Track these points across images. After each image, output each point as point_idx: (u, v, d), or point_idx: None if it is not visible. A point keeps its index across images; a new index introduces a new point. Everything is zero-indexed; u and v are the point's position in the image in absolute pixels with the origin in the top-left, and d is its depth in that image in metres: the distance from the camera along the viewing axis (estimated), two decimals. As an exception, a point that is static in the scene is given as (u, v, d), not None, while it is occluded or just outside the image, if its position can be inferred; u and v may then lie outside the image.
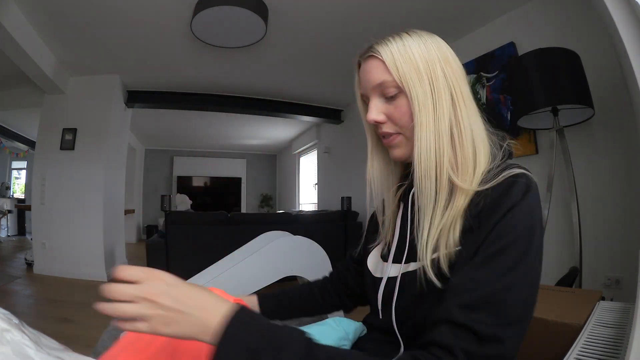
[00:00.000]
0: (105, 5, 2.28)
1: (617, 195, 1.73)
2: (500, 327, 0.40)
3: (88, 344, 1.76)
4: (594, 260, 1.73)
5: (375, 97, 0.56)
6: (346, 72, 3.78)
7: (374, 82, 0.55)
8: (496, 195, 0.47)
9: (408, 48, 0.53)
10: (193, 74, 3.53)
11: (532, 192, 0.47)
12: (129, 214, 5.66)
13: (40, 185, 3.37)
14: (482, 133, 0.54)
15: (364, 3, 2.27)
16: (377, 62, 0.54)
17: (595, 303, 0.83)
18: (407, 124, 0.54)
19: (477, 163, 0.52)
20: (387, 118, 0.56)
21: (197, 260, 2.69)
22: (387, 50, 0.53)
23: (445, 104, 0.52)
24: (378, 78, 0.54)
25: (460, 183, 0.50)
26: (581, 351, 0.57)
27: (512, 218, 0.45)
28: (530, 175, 0.49)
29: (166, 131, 6.25)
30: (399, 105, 0.54)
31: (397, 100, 0.54)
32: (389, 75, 0.53)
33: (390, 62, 0.52)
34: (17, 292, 2.71)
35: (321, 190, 5.68)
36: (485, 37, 2.52)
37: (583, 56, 1.63)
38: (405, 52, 0.53)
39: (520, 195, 0.46)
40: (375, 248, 0.66)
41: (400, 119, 0.54)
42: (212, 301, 0.42)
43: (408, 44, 0.53)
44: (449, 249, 0.48)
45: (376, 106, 0.56)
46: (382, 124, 0.56)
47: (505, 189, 0.47)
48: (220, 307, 0.41)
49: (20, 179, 7.46)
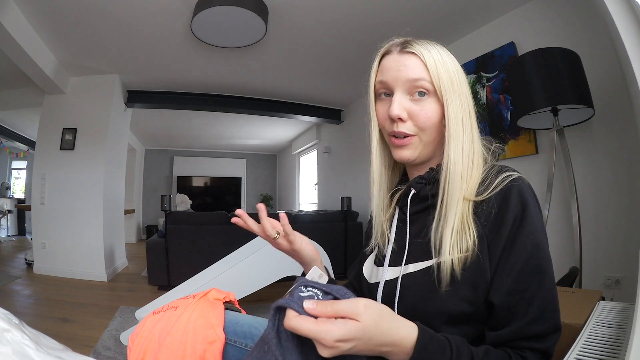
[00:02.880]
0: (105, 5, 2.28)
1: (617, 195, 1.73)
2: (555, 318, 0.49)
3: (88, 344, 1.76)
4: (594, 260, 1.73)
5: (401, 93, 0.55)
6: (346, 72, 3.76)
7: (410, 77, 0.54)
8: (499, 203, 0.51)
9: (445, 58, 0.55)
10: (193, 74, 3.53)
11: (532, 194, 0.51)
12: (129, 214, 5.66)
13: (40, 185, 3.36)
14: (480, 146, 0.57)
15: (364, 3, 2.27)
16: (417, 60, 0.54)
17: (595, 303, 0.83)
18: (430, 129, 0.55)
19: (475, 170, 0.55)
20: (408, 117, 0.55)
21: (197, 260, 2.69)
22: (428, 53, 0.54)
23: (469, 120, 0.55)
24: (416, 74, 0.54)
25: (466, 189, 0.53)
26: (581, 351, 0.57)
27: (528, 225, 0.49)
28: (522, 177, 0.53)
29: (166, 131, 6.25)
30: (426, 107, 0.54)
31: (425, 102, 0.54)
32: (428, 75, 0.54)
33: (432, 65, 0.54)
34: (17, 292, 2.71)
35: (321, 190, 5.68)
36: (485, 37, 2.52)
37: (583, 56, 1.63)
38: (443, 61, 0.55)
39: (520, 202, 0.50)
40: (370, 255, 0.66)
41: (425, 121, 0.55)
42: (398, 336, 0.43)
43: (443, 54, 0.56)
44: (463, 253, 0.50)
45: (400, 102, 0.55)
46: (402, 122, 0.55)
47: (505, 198, 0.51)
48: (405, 337, 0.43)
49: (20, 179, 7.46)
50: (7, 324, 0.38)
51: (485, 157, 0.57)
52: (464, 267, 0.50)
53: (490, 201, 0.51)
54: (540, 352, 0.48)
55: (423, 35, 0.59)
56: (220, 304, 0.68)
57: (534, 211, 0.50)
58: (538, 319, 0.48)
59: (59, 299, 2.56)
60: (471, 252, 0.50)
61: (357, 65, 3.08)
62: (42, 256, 3.31)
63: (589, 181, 1.83)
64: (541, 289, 0.48)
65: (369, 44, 2.90)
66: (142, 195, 7.16)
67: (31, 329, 0.42)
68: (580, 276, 1.61)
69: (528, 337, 0.48)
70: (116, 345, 1.74)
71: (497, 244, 0.50)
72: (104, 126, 3.44)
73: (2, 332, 0.37)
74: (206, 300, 0.67)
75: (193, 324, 0.61)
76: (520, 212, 0.49)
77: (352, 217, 3.70)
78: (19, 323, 0.41)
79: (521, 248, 0.49)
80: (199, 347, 0.59)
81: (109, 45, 2.87)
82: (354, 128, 4.50)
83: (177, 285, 2.03)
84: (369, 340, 0.39)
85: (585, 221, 1.72)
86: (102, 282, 3.19)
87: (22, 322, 0.42)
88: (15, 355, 0.36)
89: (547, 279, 0.49)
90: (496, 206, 0.50)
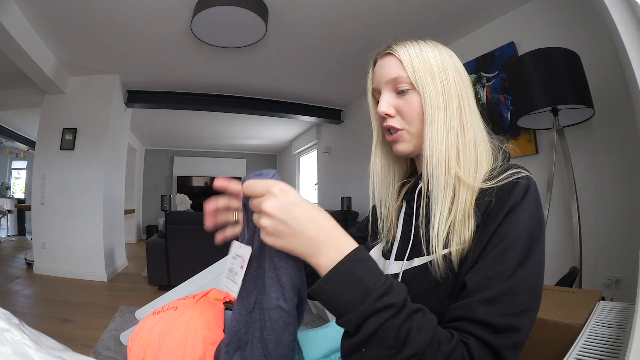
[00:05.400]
0: (105, 5, 2.28)
1: (617, 195, 1.73)
2: (516, 316, 0.43)
3: (88, 344, 1.77)
4: (594, 260, 1.73)
5: (387, 92, 0.59)
6: (346, 72, 3.77)
7: (389, 77, 0.58)
8: (501, 195, 0.50)
9: (424, 52, 0.58)
10: (193, 74, 3.53)
11: (532, 191, 0.50)
12: (129, 214, 5.66)
13: (40, 185, 3.37)
14: (484, 137, 0.58)
15: (363, 3, 2.27)
16: (394, 59, 0.58)
17: (595, 303, 0.83)
18: (415, 120, 0.58)
19: (478, 164, 0.55)
20: (396, 112, 0.59)
21: (197, 260, 2.69)
22: (405, 51, 0.58)
23: (454, 106, 0.56)
24: (393, 73, 0.58)
25: (464, 177, 0.53)
26: (581, 351, 0.57)
27: (515, 217, 0.48)
28: (530, 176, 0.52)
29: (166, 131, 6.25)
30: (409, 100, 0.58)
31: (408, 96, 0.58)
32: (404, 72, 0.57)
33: (407, 61, 0.57)
34: (17, 292, 2.71)
35: (321, 190, 5.68)
36: (485, 37, 2.52)
37: (583, 56, 1.63)
38: (422, 54, 0.57)
39: (521, 195, 0.49)
40: (377, 246, 0.67)
41: (409, 114, 0.58)
42: (328, 228, 0.43)
43: (424, 49, 0.58)
44: (462, 245, 0.50)
45: (387, 100, 0.59)
46: (391, 117, 0.59)
47: (509, 190, 0.50)
48: (336, 238, 0.43)
49: (20, 179, 7.47)
50: (7, 324, 0.38)
51: (492, 149, 0.58)
52: (462, 259, 0.49)
53: (493, 192, 0.51)
54: (488, 346, 0.41)
55: (422, 36, 0.60)
56: (221, 304, 0.68)
57: (529, 206, 0.49)
58: (494, 302, 0.43)
59: (59, 299, 2.56)
60: (468, 244, 0.50)
61: (357, 65, 3.07)
62: (42, 256, 3.31)
63: (589, 181, 1.83)
64: (511, 279, 0.44)
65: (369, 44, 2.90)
66: (142, 195, 7.16)
67: (31, 329, 0.42)
68: (580, 276, 1.61)
69: (476, 320, 0.43)
70: (116, 345, 1.74)
71: (486, 232, 0.49)
72: (104, 126, 3.44)
73: (2, 332, 0.37)
74: (206, 301, 0.67)
75: (193, 324, 0.61)
76: (516, 204, 0.49)
77: (352, 217, 3.70)
78: (19, 323, 0.41)
79: (504, 235, 0.47)
80: (199, 347, 0.59)
81: (109, 45, 2.87)
82: (354, 128, 4.50)
83: (177, 285, 2.03)
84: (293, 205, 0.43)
85: (585, 221, 1.72)
86: (102, 282, 3.19)
87: (22, 322, 0.42)
88: (15, 355, 0.35)
89: (522, 272, 0.45)
90: (496, 198, 0.50)
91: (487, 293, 0.44)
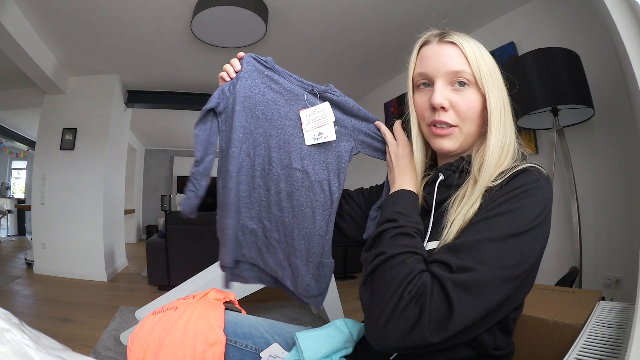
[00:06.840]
0: (105, 5, 2.28)
1: (617, 195, 1.73)
2: (471, 262, 0.43)
3: (88, 344, 1.76)
4: (594, 260, 1.73)
5: (442, 83, 0.56)
6: (346, 71, 3.76)
7: (450, 69, 0.55)
8: (506, 179, 0.50)
9: (482, 50, 0.57)
10: (193, 74, 3.52)
11: (543, 178, 0.50)
12: (129, 214, 5.65)
13: (40, 185, 3.36)
14: (514, 140, 0.57)
15: (363, 3, 2.27)
16: (457, 51, 0.55)
17: (595, 303, 0.83)
18: (470, 119, 0.56)
19: (500, 164, 0.54)
20: (450, 106, 0.56)
21: (197, 260, 2.69)
22: (467, 44, 0.56)
23: (506, 110, 0.56)
24: (456, 66, 0.55)
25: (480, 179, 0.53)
26: (581, 351, 0.57)
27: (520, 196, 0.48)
28: (541, 168, 0.51)
29: (166, 131, 6.25)
30: (467, 97, 0.55)
31: (466, 92, 0.55)
32: (469, 68, 0.55)
33: (472, 57, 0.55)
34: (17, 292, 2.71)
35: (321, 190, 5.67)
36: (485, 37, 2.49)
37: (583, 56, 1.63)
38: (481, 54, 0.56)
39: (530, 179, 0.49)
40: None
41: (467, 111, 0.55)
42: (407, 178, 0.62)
43: (480, 46, 0.57)
44: None
45: (442, 92, 0.56)
46: (444, 111, 0.56)
47: (514, 176, 0.50)
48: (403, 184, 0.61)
49: (20, 179, 7.46)
50: (7, 323, 0.38)
51: (515, 152, 0.57)
52: None
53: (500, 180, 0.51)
54: (437, 278, 0.43)
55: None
56: (221, 304, 0.68)
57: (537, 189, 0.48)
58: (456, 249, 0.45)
59: (59, 299, 2.56)
60: None
61: (357, 65, 3.07)
62: (42, 256, 3.31)
63: (589, 181, 1.83)
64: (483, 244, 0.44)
65: (369, 43, 2.90)
66: (142, 195, 7.15)
67: (31, 329, 0.42)
68: (580, 276, 1.61)
69: (434, 259, 0.46)
70: (116, 345, 1.74)
71: (488, 205, 0.50)
72: (103, 126, 3.44)
73: (2, 332, 0.37)
74: (206, 301, 0.67)
75: (193, 324, 0.61)
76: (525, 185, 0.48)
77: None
78: (19, 323, 0.41)
79: (492, 207, 0.48)
80: (199, 347, 0.59)
81: (109, 45, 2.87)
82: (354, 128, 4.49)
83: (177, 285, 2.03)
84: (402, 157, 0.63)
85: (585, 221, 1.72)
86: (102, 282, 3.19)
87: (22, 322, 0.42)
88: (15, 355, 0.36)
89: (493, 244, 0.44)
90: (502, 183, 0.50)
91: (453, 242, 0.47)
